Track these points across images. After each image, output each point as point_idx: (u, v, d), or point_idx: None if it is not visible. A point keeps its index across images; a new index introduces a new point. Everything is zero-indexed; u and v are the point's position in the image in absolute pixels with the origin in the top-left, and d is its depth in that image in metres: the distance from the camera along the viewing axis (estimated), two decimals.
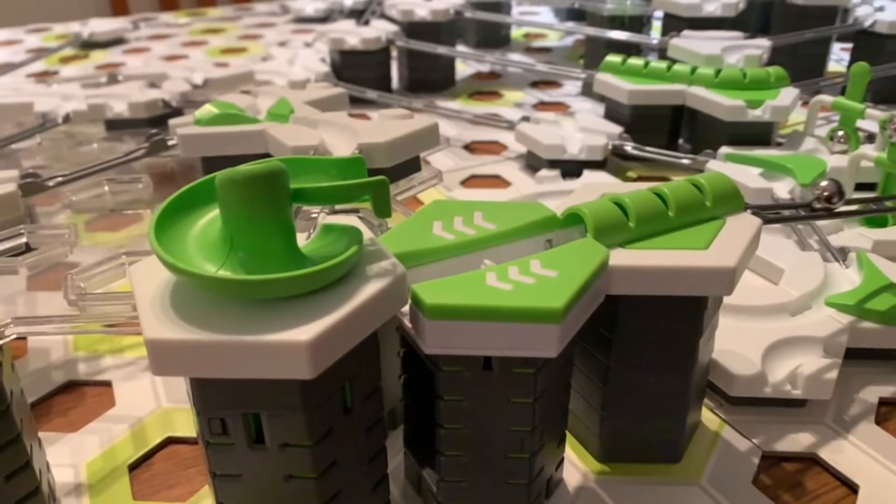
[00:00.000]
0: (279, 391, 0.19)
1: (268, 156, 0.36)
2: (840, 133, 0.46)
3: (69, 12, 1.15)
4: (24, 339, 0.34)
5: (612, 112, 0.54)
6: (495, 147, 0.56)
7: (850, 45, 0.69)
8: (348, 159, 0.21)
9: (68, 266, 0.33)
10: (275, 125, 0.38)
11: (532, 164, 0.51)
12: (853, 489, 0.26)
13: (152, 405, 0.30)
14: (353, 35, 0.63)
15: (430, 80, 0.68)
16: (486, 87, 0.70)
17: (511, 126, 0.54)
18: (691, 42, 0.56)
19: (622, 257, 0.23)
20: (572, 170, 0.49)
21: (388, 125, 0.35)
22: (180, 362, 0.18)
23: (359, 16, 0.75)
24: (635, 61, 0.53)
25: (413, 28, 0.68)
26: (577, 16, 0.82)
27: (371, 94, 0.59)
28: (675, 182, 0.25)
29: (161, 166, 0.50)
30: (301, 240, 0.20)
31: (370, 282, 0.19)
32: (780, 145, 0.49)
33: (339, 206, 0.28)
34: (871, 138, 0.47)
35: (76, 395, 0.31)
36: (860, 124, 0.46)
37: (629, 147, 0.49)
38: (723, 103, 0.48)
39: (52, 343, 0.34)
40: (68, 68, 0.76)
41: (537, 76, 0.72)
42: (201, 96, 0.54)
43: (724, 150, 0.46)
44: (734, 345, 0.29)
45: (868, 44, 0.64)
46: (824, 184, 0.27)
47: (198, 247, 0.19)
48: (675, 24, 0.63)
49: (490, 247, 0.23)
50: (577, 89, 0.68)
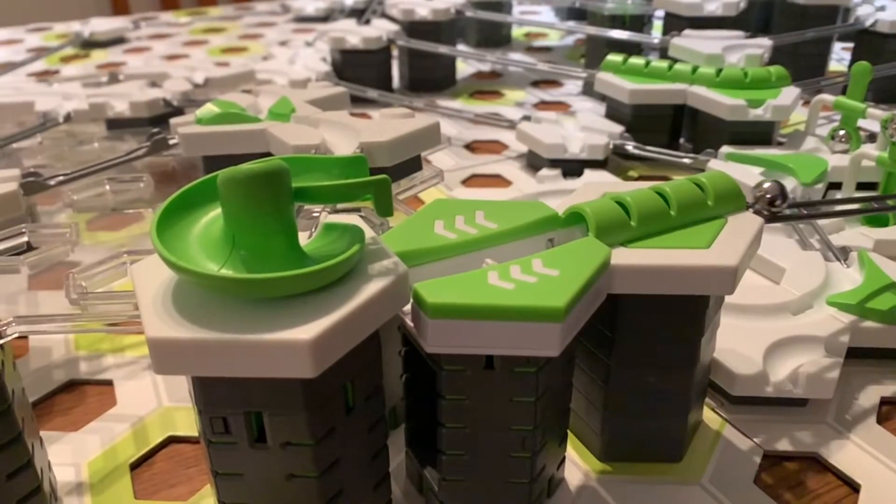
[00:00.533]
0: (281, 390, 0.19)
1: (269, 155, 0.36)
2: (841, 132, 0.46)
3: (70, 12, 1.15)
4: (26, 337, 0.34)
5: (613, 111, 0.54)
6: (496, 146, 0.56)
7: (851, 45, 0.69)
8: (350, 158, 0.21)
9: (69, 265, 0.33)
10: (276, 124, 0.38)
11: (533, 163, 0.51)
12: (855, 488, 0.26)
13: (153, 404, 0.30)
14: (353, 34, 0.63)
15: (431, 79, 0.68)
16: (486, 86, 0.70)
17: (512, 125, 0.54)
18: (692, 41, 0.56)
19: (624, 256, 0.23)
20: (573, 169, 0.49)
21: (389, 124, 0.35)
22: (182, 361, 0.18)
23: (359, 15, 0.75)
24: (636, 61, 0.53)
25: (414, 27, 0.68)
26: (578, 15, 0.83)
27: (372, 94, 0.59)
28: (677, 181, 0.25)
29: (162, 165, 0.50)
30: (303, 239, 0.20)
31: (372, 281, 0.19)
32: (781, 145, 0.49)
33: (340, 205, 0.28)
34: (872, 138, 0.47)
35: (77, 395, 0.31)
36: (861, 124, 0.46)
37: (630, 146, 0.49)
38: (724, 102, 0.48)
39: (53, 342, 0.34)
40: (69, 67, 0.76)
41: (538, 75, 0.72)
42: (202, 95, 0.54)
43: (726, 149, 0.46)
44: (736, 344, 0.29)
45: (869, 43, 0.64)
46: (767, 185, 0.25)
47: (200, 246, 0.19)
48: (676, 23, 0.63)
49: (491, 246, 0.23)
50: (577, 89, 0.68)
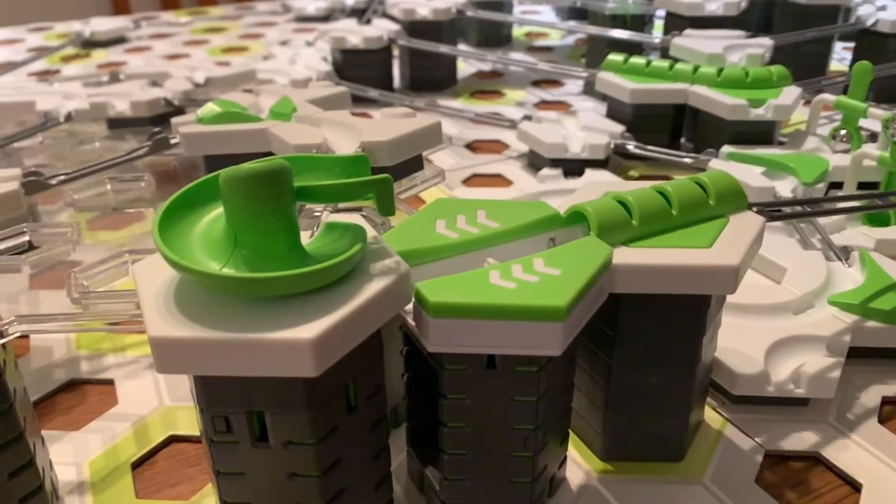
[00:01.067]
0: (283, 389, 0.19)
1: (270, 154, 0.36)
2: (842, 132, 0.46)
3: (70, 11, 1.15)
4: (27, 337, 0.34)
5: (614, 111, 0.54)
6: (497, 146, 0.56)
7: (852, 45, 0.69)
8: (352, 157, 0.21)
9: (71, 264, 0.33)
10: (277, 124, 0.38)
11: (534, 162, 0.51)
12: (856, 488, 0.26)
13: (155, 403, 0.30)
14: (354, 34, 0.63)
15: (432, 78, 0.68)
16: (487, 85, 0.70)
17: (513, 125, 0.54)
18: (693, 41, 0.56)
19: (625, 256, 0.22)
20: (574, 169, 0.49)
21: (390, 124, 0.35)
22: (184, 360, 0.18)
23: (360, 15, 0.75)
24: (637, 60, 0.53)
25: (415, 27, 0.68)
26: (579, 15, 0.83)
27: (373, 93, 0.59)
28: (679, 180, 0.25)
29: (163, 165, 0.50)
30: (304, 238, 0.20)
31: (374, 280, 0.19)
32: (782, 144, 0.49)
33: (342, 205, 0.28)
34: (873, 137, 0.47)
35: (79, 394, 0.31)
36: (862, 123, 0.46)
37: (631, 146, 0.49)
38: (725, 102, 0.48)
39: (54, 341, 0.34)
40: (70, 67, 0.76)
41: (539, 75, 0.72)
42: (203, 95, 0.54)
43: (727, 148, 0.46)
44: (737, 343, 0.29)
45: (870, 43, 0.64)
46: None
47: (201, 245, 0.19)
48: (676, 22, 0.63)
49: (493, 245, 0.23)
50: (578, 88, 0.68)
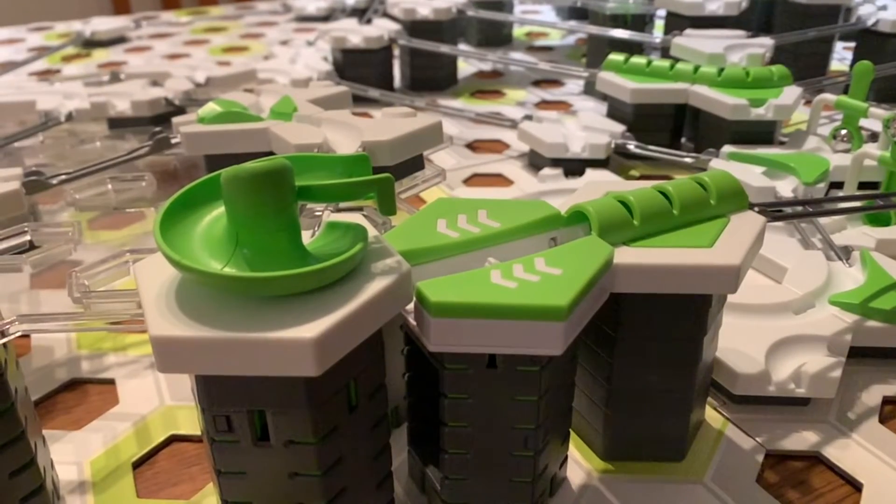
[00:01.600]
0: (284, 388, 0.19)
1: (271, 154, 0.36)
2: (843, 132, 0.46)
3: (71, 11, 1.15)
4: (28, 336, 0.34)
5: (615, 111, 0.54)
6: (498, 146, 0.56)
7: (852, 44, 0.69)
8: (353, 157, 0.21)
9: (71, 264, 0.33)
10: (278, 123, 0.38)
11: (534, 162, 0.51)
12: (857, 487, 0.26)
13: (156, 403, 0.30)
14: (355, 34, 0.63)
15: (433, 78, 0.68)
16: (488, 85, 0.70)
17: (513, 125, 0.54)
18: (694, 41, 0.56)
19: (627, 255, 0.22)
20: (575, 168, 0.49)
21: (391, 123, 0.35)
22: (186, 359, 0.18)
23: (361, 14, 0.75)
24: (638, 60, 0.53)
25: (415, 27, 0.68)
26: (580, 14, 0.83)
27: (373, 93, 0.59)
28: (680, 180, 0.25)
29: (164, 164, 0.50)
30: (306, 237, 0.20)
31: (375, 279, 0.19)
32: (783, 144, 0.49)
33: (343, 204, 0.28)
34: (874, 137, 0.47)
35: (80, 393, 0.31)
36: (863, 123, 0.46)
37: (632, 146, 0.49)
38: (726, 102, 0.48)
39: (55, 341, 0.34)
40: (70, 67, 0.76)
41: (539, 75, 0.72)
42: (204, 95, 0.54)
43: (727, 148, 0.46)
44: (738, 343, 0.29)
45: (871, 43, 0.64)
46: None
47: (203, 244, 0.19)
48: (677, 22, 0.63)
49: (494, 244, 0.23)
50: (579, 88, 0.68)
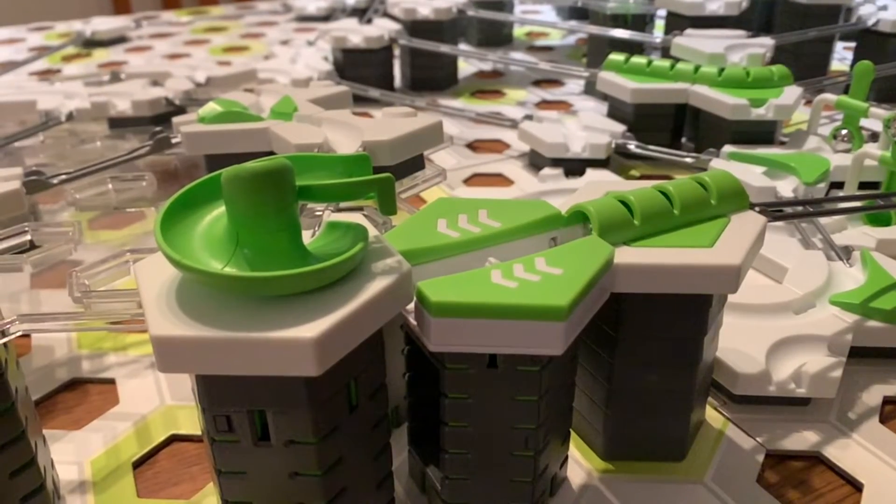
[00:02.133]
0: (285, 388, 0.19)
1: (272, 154, 0.36)
2: (843, 132, 0.46)
3: (71, 11, 1.16)
4: (29, 336, 0.34)
5: (615, 111, 0.54)
6: (498, 145, 0.56)
7: (853, 44, 0.69)
8: (354, 157, 0.21)
9: (72, 264, 0.33)
10: (279, 123, 0.38)
11: (535, 162, 0.51)
12: (857, 487, 0.26)
13: (156, 403, 0.30)
14: (355, 34, 0.63)
15: (433, 78, 0.68)
16: (488, 85, 0.70)
17: (514, 124, 0.54)
18: (694, 41, 0.56)
19: (627, 255, 0.22)
20: (575, 168, 0.49)
21: (392, 123, 0.35)
22: (186, 359, 0.18)
23: (361, 14, 0.75)
24: (638, 60, 0.53)
25: (416, 27, 0.68)
26: (580, 14, 0.83)
27: (374, 93, 0.59)
28: (680, 180, 0.25)
29: (165, 164, 0.50)
30: (306, 237, 0.20)
31: (375, 279, 0.19)
32: (783, 144, 0.49)
33: (343, 204, 0.28)
34: (874, 137, 0.47)
35: (80, 393, 0.31)
36: (864, 123, 0.46)
37: (632, 146, 0.49)
38: (726, 102, 0.48)
39: (56, 340, 0.34)
40: (71, 66, 0.76)
41: (540, 75, 0.72)
42: (204, 94, 0.54)
43: (728, 148, 0.46)
44: (738, 343, 0.29)
45: (871, 42, 0.64)
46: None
47: (203, 244, 0.19)
48: (677, 22, 0.63)
49: (495, 244, 0.23)
50: (579, 88, 0.68)
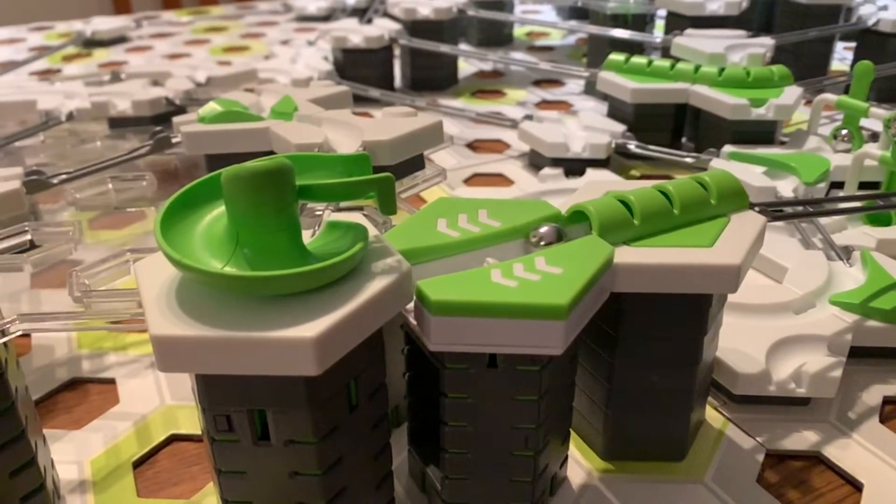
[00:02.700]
0: (284, 388, 0.19)
1: (272, 153, 0.36)
2: (844, 132, 0.46)
3: (72, 10, 1.16)
4: (29, 336, 0.34)
5: (616, 110, 0.54)
6: (498, 145, 0.56)
7: (853, 44, 0.69)
8: (354, 156, 0.21)
9: (72, 263, 0.33)
10: (279, 123, 0.38)
11: (535, 162, 0.51)
12: (857, 487, 0.26)
13: (156, 402, 0.30)
14: (355, 33, 0.63)
15: (433, 78, 0.68)
16: (488, 85, 0.70)
17: (514, 124, 0.54)
18: (694, 40, 0.56)
19: (627, 255, 0.22)
20: (575, 168, 0.49)
21: (392, 123, 0.35)
22: (186, 359, 0.18)
23: (361, 14, 0.75)
24: (638, 60, 0.53)
25: (416, 26, 0.68)
26: (580, 14, 0.83)
27: (374, 93, 0.59)
28: (680, 180, 0.25)
29: (165, 164, 0.50)
30: (306, 237, 0.20)
31: (375, 278, 0.19)
32: (783, 144, 0.49)
33: (343, 204, 0.28)
34: (874, 137, 0.47)
35: (80, 393, 0.31)
36: (864, 123, 0.46)
37: (632, 145, 0.49)
38: (726, 102, 0.47)
39: (56, 340, 0.34)
40: (71, 66, 0.76)
41: (540, 75, 0.72)
42: (204, 94, 0.54)
43: (728, 148, 0.46)
44: (738, 343, 0.29)
45: (872, 42, 0.64)
46: (543, 230, 0.23)
47: (203, 243, 0.19)
48: (678, 22, 0.63)
49: (495, 244, 0.23)
50: (579, 88, 0.68)
